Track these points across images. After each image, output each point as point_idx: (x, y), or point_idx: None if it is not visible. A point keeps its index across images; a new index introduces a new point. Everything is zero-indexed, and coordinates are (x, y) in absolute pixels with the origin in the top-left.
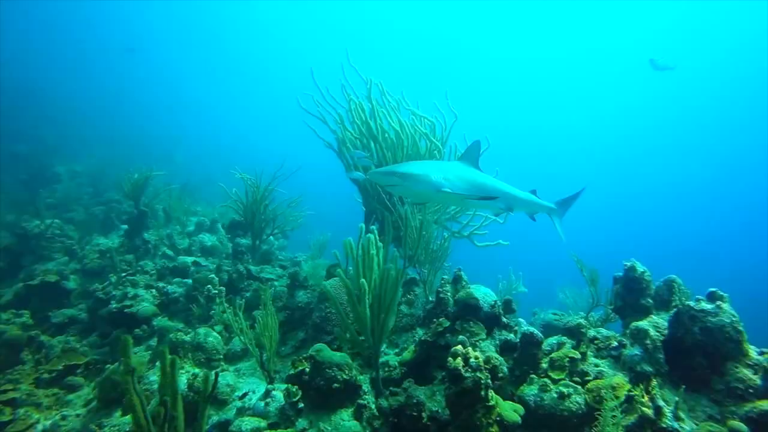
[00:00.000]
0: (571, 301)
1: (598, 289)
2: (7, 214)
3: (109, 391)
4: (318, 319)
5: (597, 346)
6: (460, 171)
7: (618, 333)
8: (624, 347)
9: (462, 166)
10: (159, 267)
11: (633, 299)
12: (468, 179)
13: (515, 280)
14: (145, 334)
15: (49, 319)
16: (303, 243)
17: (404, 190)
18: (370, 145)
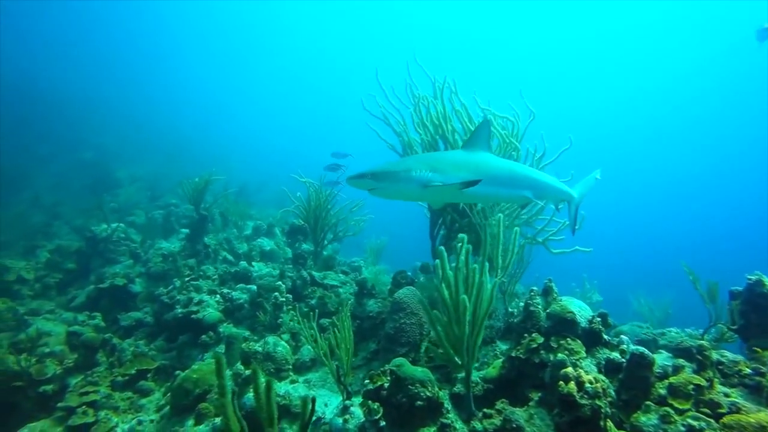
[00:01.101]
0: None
1: (718, 306)
2: (76, 218)
3: (181, 398)
4: (392, 330)
5: (722, 371)
6: (457, 159)
7: (740, 356)
8: (764, 376)
9: (462, 154)
10: (221, 272)
11: (760, 318)
12: (471, 167)
13: (590, 289)
14: (211, 340)
15: (118, 322)
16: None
17: (385, 192)
18: (439, 147)
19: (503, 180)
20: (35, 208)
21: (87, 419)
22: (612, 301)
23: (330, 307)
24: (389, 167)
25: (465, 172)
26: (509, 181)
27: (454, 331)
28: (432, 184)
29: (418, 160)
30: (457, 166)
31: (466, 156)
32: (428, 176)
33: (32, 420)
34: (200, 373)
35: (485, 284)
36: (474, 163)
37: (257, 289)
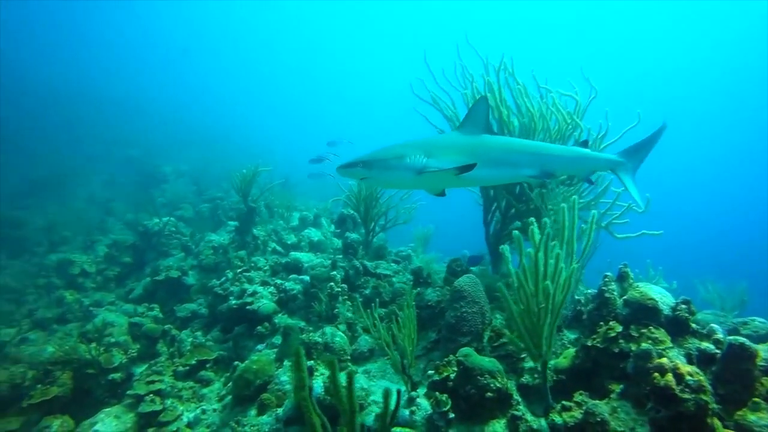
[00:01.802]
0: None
1: None
2: (127, 213)
3: (242, 389)
4: (453, 319)
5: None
6: (453, 142)
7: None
8: None
9: (457, 136)
10: (271, 263)
11: None
12: (467, 150)
13: (654, 275)
14: (267, 331)
15: (174, 313)
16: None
17: (378, 181)
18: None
19: (503, 160)
20: (90, 204)
21: (155, 407)
22: (677, 288)
23: (385, 296)
24: (380, 154)
25: (461, 155)
26: (510, 161)
27: (532, 319)
28: (426, 170)
29: (411, 145)
30: (452, 150)
31: (462, 138)
32: (422, 162)
33: (105, 405)
34: (260, 364)
35: (563, 271)
36: (470, 145)
37: (310, 280)
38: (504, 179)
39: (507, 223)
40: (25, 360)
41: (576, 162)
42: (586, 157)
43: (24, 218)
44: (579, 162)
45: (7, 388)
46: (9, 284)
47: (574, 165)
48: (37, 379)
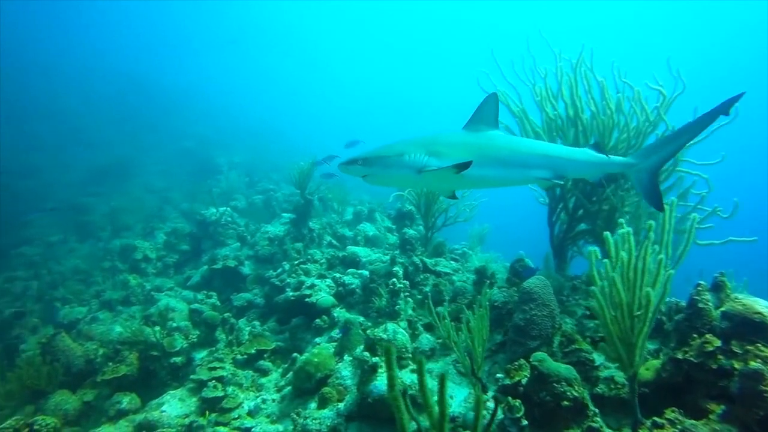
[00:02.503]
0: None
1: None
2: (183, 202)
3: (303, 381)
4: (521, 321)
5: None
6: (458, 140)
7: None
8: None
9: (463, 135)
10: (328, 256)
11: None
12: (473, 148)
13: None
14: (325, 324)
15: (231, 302)
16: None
17: (378, 178)
18: (568, 131)
19: (512, 161)
20: (148, 193)
21: (217, 393)
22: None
23: (445, 295)
24: (380, 152)
25: (466, 154)
26: (520, 162)
27: (624, 327)
28: (427, 169)
29: (413, 142)
30: (456, 149)
31: (469, 136)
32: (423, 160)
33: (168, 387)
34: (321, 358)
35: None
36: (477, 144)
37: (369, 275)
38: (512, 181)
39: (574, 225)
40: (96, 337)
41: (587, 165)
42: (597, 161)
43: (90, 205)
44: (590, 165)
45: (83, 362)
46: (79, 266)
47: (585, 168)
48: (108, 356)
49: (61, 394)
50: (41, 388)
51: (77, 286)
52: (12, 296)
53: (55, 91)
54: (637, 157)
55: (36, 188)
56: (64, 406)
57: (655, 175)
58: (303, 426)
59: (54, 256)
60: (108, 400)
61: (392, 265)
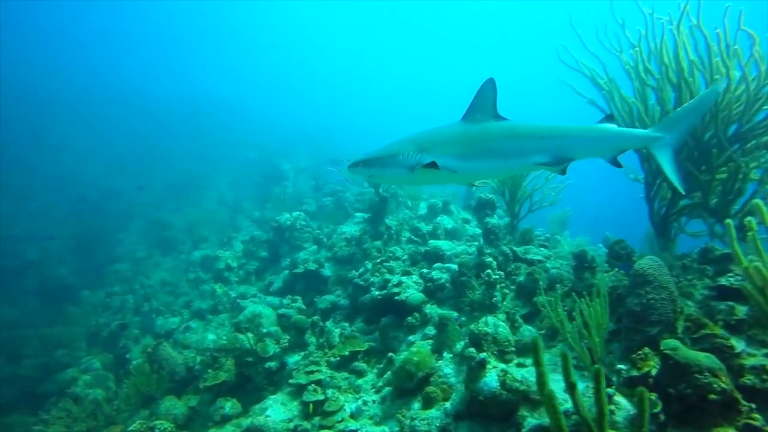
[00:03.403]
0: None
1: None
2: (254, 211)
3: (404, 381)
4: (637, 306)
5: None
6: (451, 134)
7: None
8: None
9: (458, 127)
10: (410, 252)
11: None
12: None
13: None
14: (417, 322)
15: (314, 305)
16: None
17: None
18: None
19: (506, 150)
20: (220, 205)
21: (318, 396)
22: None
23: (542, 283)
24: (379, 152)
25: (458, 148)
26: (515, 150)
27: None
28: (418, 167)
29: (408, 140)
30: (448, 143)
31: (463, 128)
32: (415, 158)
33: (264, 391)
34: (420, 356)
35: None
36: (469, 136)
37: (458, 268)
38: (511, 170)
39: (677, 199)
40: (192, 346)
41: (598, 142)
42: (611, 135)
43: (170, 220)
44: (601, 142)
45: (183, 369)
46: (166, 278)
47: (596, 146)
48: (206, 364)
49: (169, 399)
50: (152, 394)
51: (167, 298)
52: (113, 310)
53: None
54: (661, 129)
55: (120, 209)
56: (174, 411)
57: (676, 151)
58: (411, 427)
59: (143, 271)
60: (210, 405)
61: (480, 256)
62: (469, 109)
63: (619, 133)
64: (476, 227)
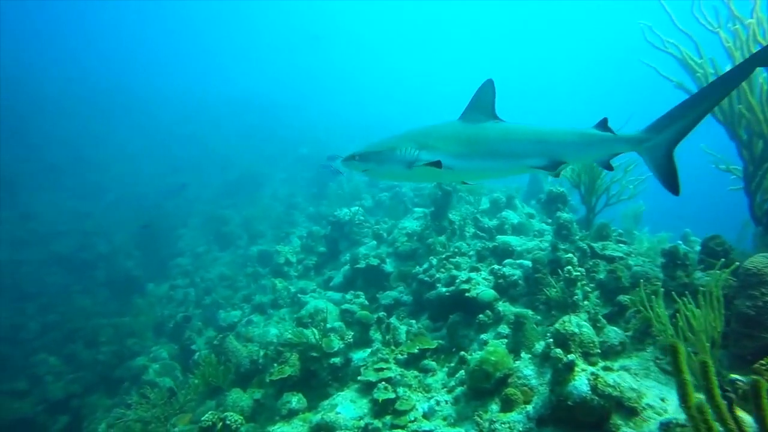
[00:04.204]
0: None
1: None
2: (308, 207)
3: (481, 381)
4: (750, 309)
5: None
6: (449, 132)
7: None
8: None
9: (457, 125)
10: (478, 248)
11: None
12: (463, 140)
13: None
14: (489, 320)
15: (377, 300)
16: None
17: (375, 173)
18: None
19: (501, 151)
20: (275, 200)
21: (389, 395)
22: None
23: (624, 281)
24: (375, 147)
25: (456, 146)
26: (509, 152)
27: None
28: (416, 164)
29: (407, 136)
30: (446, 141)
31: (462, 127)
32: (413, 155)
33: (330, 387)
34: (497, 356)
35: None
36: (467, 135)
37: (532, 264)
38: (505, 171)
39: None
40: (255, 339)
41: (589, 146)
42: (600, 140)
43: (227, 216)
44: (592, 146)
45: (248, 362)
46: (224, 273)
47: (587, 150)
48: (271, 357)
49: (236, 392)
50: (218, 385)
51: (226, 292)
52: (176, 302)
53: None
54: (647, 131)
55: (181, 205)
56: (240, 403)
57: (672, 152)
58: (491, 430)
59: (202, 265)
60: (275, 398)
61: (554, 252)
62: (467, 108)
63: (607, 137)
64: (541, 222)
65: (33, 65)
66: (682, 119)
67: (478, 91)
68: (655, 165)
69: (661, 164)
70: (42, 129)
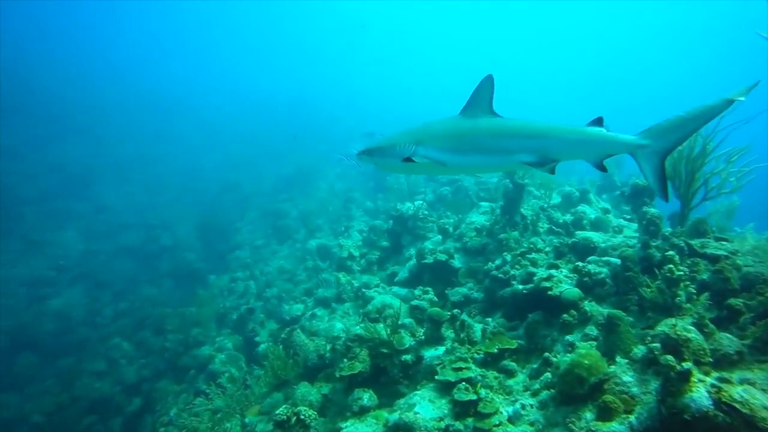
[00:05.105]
0: None
1: None
2: (366, 201)
3: (573, 386)
4: None
5: None
6: (445, 128)
7: None
8: None
9: (454, 121)
10: (556, 243)
11: None
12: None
13: None
14: (574, 320)
15: (445, 297)
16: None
17: (383, 167)
18: None
19: (493, 147)
20: (331, 195)
21: (470, 396)
22: None
23: (733, 283)
24: (380, 142)
25: (450, 142)
26: (500, 148)
27: None
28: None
29: (408, 132)
30: (441, 137)
31: (458, 123)
32: (411, 150)
33: (400, 385)
34: (591, 359)
35: None
36: (461, 131)
37: (622, 262)
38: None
39: None
40: (321, 333)
41: (582, 145)
42: (595, 140)
43: (284, 210)
44: (586, 145)
45: (315, 356)
46: (284, 266)
47: (580, 149)
48: (339, 352)
49: (304, 386)
50: (286, 378)
51: (286, 285)
52: (237, 294)
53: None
54: (648, 136)
55: (238, 200)
56: (309, 397)
57: (664, 159)
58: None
59: (262, 258)
60: (343, 394)
61: (645, 249)
62: (467, 104)
63: (604, 137)
64: (618, 218)
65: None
66: (680, 130)
67: (478, 88)
68: (651, 170)
69: (656, 170)
70: (111, 126)
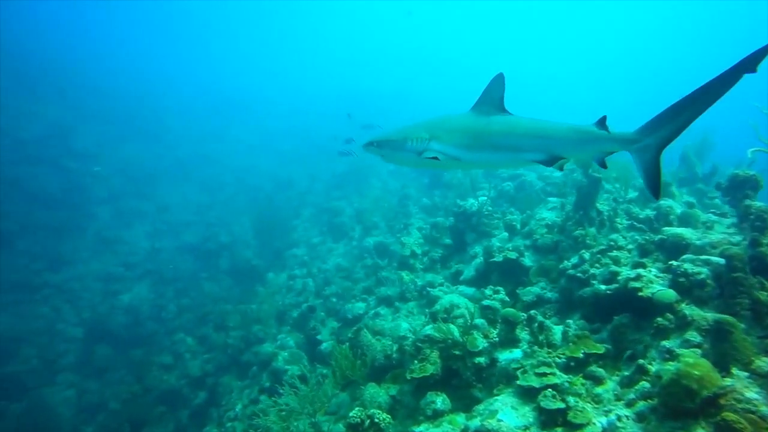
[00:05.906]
0: None
1: None
2: (422, 198)
3: (680, 398)
4: None
5: None
6: (459, 124)
7: None
8: None
9: (467, 117)
10: (641, 241)
11: None
12: (471, 132)
13: None
14: (671, 324)
15: (516, 297)
16: None
17: (392, 160)
18: None
19: (503, 144)
20: (385, 192)
21: (558, 404)
22: None
23: None
24: (389, 135)
25: (464, 138)
26: (510, 145)
27: None
28: (425, 154)
29: (421, 126)
30: (455, 133)
31: (471, 120)
32: (424, 145)
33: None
34: (702, 370)
35: None
36: (475, 128)
37: (727, 262)
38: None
39: None
40: (386, 333)
41: (585, 144)
42: (595, 138)
43: (339, 207)
44: (588, 143)
45: (382, 357)
46: (341, 264)
47: (581, 147)
48: (408, 353)
49: (372, 386)
50: (353, 378)
51: (344, 283)
52: (296, 292)
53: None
54: (639, 132)
55: (292, 197)
56: (378, 399)
57: (659, 154)
58: None
59: (319, 256)
60: (412, 396)
61: (755, 247)
62: (478, 100)
63: (602, 135)
64: (706, 212)
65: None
66: (671, 122)
67: (489, 85)
68: (642, 166)
69: (649, 166)
70: (170, 128)
